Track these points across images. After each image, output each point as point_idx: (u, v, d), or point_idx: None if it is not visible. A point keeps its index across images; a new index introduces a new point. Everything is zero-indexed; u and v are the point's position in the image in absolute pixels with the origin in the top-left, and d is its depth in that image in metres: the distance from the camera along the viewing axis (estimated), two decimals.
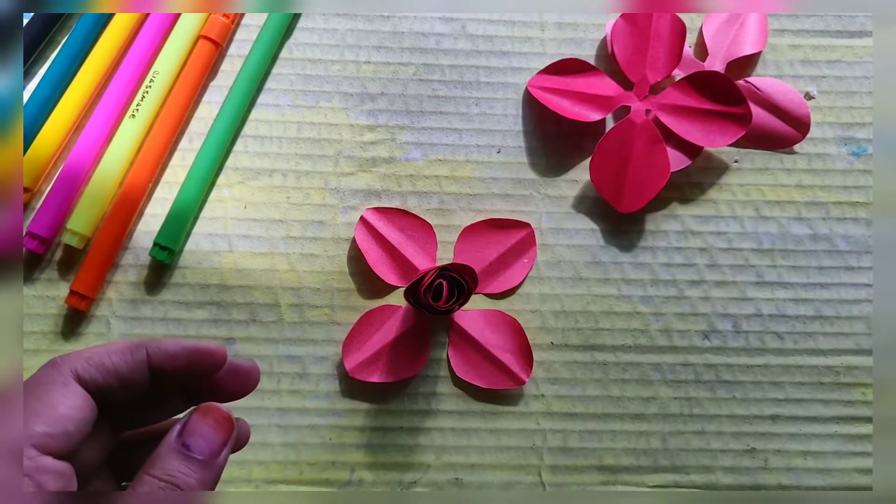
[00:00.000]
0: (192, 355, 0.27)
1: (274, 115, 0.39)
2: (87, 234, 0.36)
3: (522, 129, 0.40)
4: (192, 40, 0.38)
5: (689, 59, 0.40)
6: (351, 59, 0.40)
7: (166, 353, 0.26)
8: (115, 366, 0.26)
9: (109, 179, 0.36)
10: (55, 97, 0.37)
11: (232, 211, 0.38)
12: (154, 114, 0.37)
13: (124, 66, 0.38)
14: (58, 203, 0.36)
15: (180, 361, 0.27)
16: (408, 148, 0.39)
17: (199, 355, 0.27)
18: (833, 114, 0.40)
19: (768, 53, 0.41)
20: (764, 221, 0.39)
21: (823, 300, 0.39)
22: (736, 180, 0.40)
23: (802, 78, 0.41)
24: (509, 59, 0.40)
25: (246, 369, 0.29)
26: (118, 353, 0.26)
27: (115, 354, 0.26)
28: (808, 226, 0.39)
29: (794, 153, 0.40)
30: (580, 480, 0.37)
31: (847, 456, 0.37)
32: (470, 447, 0.37)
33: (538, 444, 0.37)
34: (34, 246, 0.35)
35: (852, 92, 0.40)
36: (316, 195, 0.38)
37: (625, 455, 0.37)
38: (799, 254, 0.39)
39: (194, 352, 0.27)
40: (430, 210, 0.38)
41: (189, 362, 0.27)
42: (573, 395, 0.37)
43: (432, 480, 0.36)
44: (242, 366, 0.29)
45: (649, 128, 0.38)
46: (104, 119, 0.37)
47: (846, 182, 0.40)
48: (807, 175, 0.40)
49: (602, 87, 0.39)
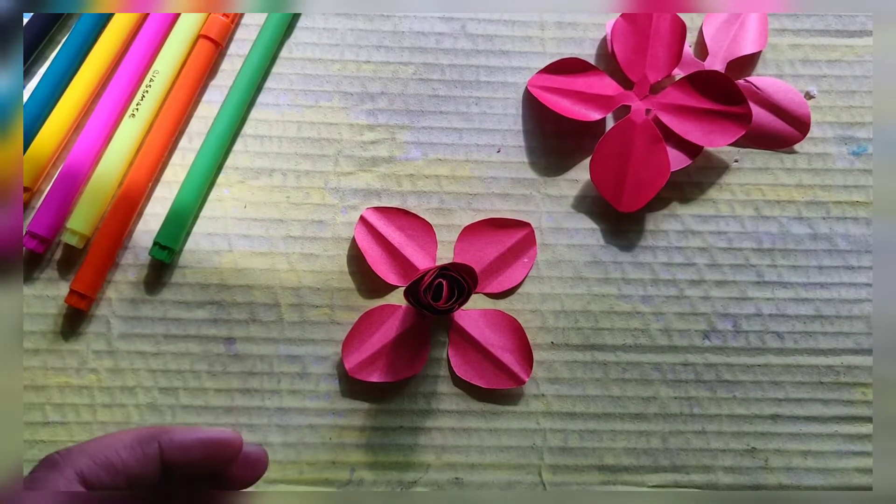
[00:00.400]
0: (207, 447, 0.25)
1: (274, 114, 0.39)
2: (87, 233, 0.36)
3: (522, 128, 0.40)
4: (192, 40, 0.38)
5: (690, 58, 0.40)
6: (351, 58, 0.40)
7: (180, 447, 0.24)
8: (124, 464, 0.23)
9: (109, 179, 0.36)
10: (55, 97, 0.37)
11: (232, 210, 0.38)
12: (154, 113, 0.37)
13: (124, 65, 0.38)
14: (58, 202, 0.36)
15: (195, 455, 0.24)
16: (408, 147, 0.39)
17: (215, 447, 0.25)
18: (833, 113, 0.40)
19: (768, 53, 0.41)
20: (764, 221, 0.39)
21: (824, 300, 0.39)
22: (736, 180, 0.40)
23: (803, 77, 0.41)
24: (509, 58, 0.40)
25: (255, 458, 0.27)
26: (127, 449, 0.23)
27: (125, 450, 0.23)
28: (809, 225, 0.39)
29: (795, 153, 0.40)
30: (580, 480, 0.37)
31: (847, 456, 0.37)
32: (470, 447, 0.37)
33: (538, 444, 0.37)
34: (34, 245, 0.35)
35: (852, 91, 0.40)
36: (316, 195, 0.38)
37: (625, 455, 0.37)
38: (799, 253, 0.39)
39: (210, 443, 0.25)
40: (430, 209, 0.38)
41: (205, 455, 0.25)
42: (573, 395, 0.37)
43: (432, 480, 0.36)
44: (252, 454, 0.27)
45: (649, 127, 0.38)
46: (104, 118, 0.37)
47: (846, 181, 0.40)
48: (807, 174, 0.40)
49: (602, 86, 0.39)
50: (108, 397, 0.36)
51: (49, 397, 0.36)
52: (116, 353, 0.36)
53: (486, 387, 0.37)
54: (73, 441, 0.35)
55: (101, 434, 0.24)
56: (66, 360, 0.36)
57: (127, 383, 0.36)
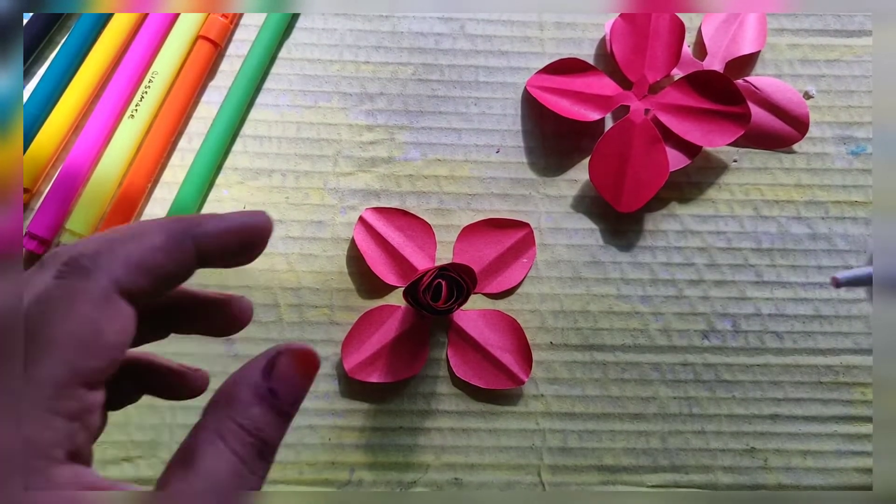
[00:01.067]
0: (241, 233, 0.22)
1: (273, 115, 0.39)
2: (87, 234, 0.36)
3: (521, 128, 0.40)
4: (191, 41, 0.38)
5: (688, 58, 0.40)
6: (350, 59, 0.40)
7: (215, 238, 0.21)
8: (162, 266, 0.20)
9: (109, 180, 0.36)
10: (54, 98, 0.37)
11: (231, 211, 0.38)
12: (153, 114, 0.37)
13: (123, 66, 0.38)
14: (57, 203, 0.36)
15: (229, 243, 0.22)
16: (407, 148, 0.39)
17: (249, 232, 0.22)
18: (832, 113, 0.40)
19: (767, 53, 0.41)
20: (763, 221, 0.39)
21: (823, 299, 0.39)
22: (735, 180, 0.40)
23: (801, 77, 0.41)
24: (508, 58, 0.40)
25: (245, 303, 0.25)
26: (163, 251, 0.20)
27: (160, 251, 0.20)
28: (807, 225, 0.39)
29: (793, 152, 0.40)
30: (580, 480, 0.37)
31: (847, 455, 0.37)
32: (469, 447, 0.37)
33: (537, 444, 0.37)
34: (33, 246, 0.35)
35: (851, 91, 0.40)
36: (315, 195, 0.38)
37: (624, 455, 0.37)
38: (798, 253, 0.39)
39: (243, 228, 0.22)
40: (430, 210, 0.38)
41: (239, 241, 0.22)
42: (572, 395, 0.37)
43: (432, 480, 0.36)
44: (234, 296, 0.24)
45: (648, 127, 0.38)
46: (103, 119, 0.37)
47: (845, 181, 0.40)
48: (806, 174, 0.40)
49: (601, 86, 0.39)
50: None
51: None
52: None
53: (485, 387, 0.37)
54: None
55: None
56: None
57: None
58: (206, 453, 0.19)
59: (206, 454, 0.19)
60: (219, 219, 0.22)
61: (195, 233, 0.21)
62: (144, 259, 0.20)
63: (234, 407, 0.20)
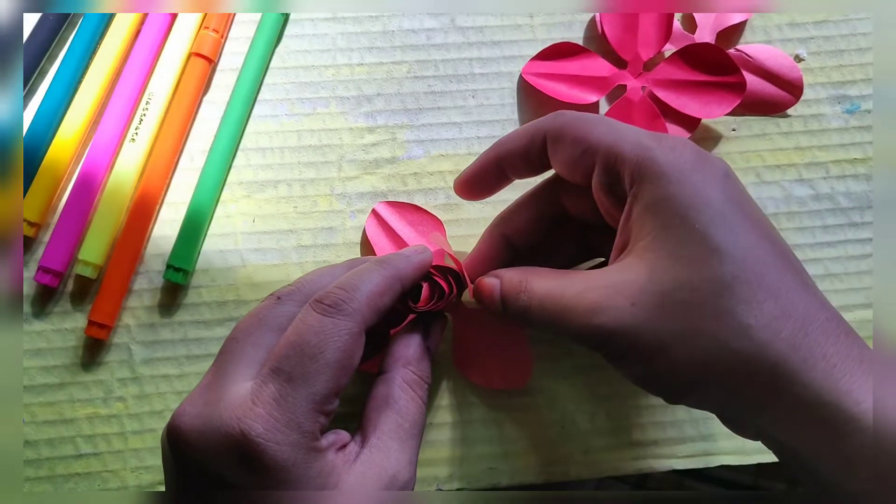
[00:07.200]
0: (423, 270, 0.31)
1: (272, 125, 0.39)
2: (100, 262, 0.36)
3: (520, 116, 0.40)
4: (184, 58, 0.38)
5: (679, 32, 0.40)
6: (344, 62, 0.40)
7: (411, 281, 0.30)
8: (386, 306, 0.28)
9: (116, 206, 0.36)
10: (54, 126, 0.37)
11: (241, 225, 0.38)
12: (154, 136, 0.37)
13: (119, 89, 0.37)
14: (67, 235, 0.36)
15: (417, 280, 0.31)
16: (409, 146, 0.39)
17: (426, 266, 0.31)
18: (824, 74, 0.41)
19: (756, 20, 0.41)
20: (766, 186, 0.40)
21: (831, 258, 0.39)
22: (735, 148, 0.40)
23: (791, 41, 0.41)
24: (501, 48, 0.40)
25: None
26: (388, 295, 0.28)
27: (385, 296, 0.28)
28: (810, 186, 0.40)
29: (790, 116, 0.40)
30: (611, 458, 0.37)
31: None
32: (501, 437, 0.37)
33: (566, 429, 0.37)
34: (48, 280, 0.35)
35: (841, 51, 0.41)
36: (323, 202, 0.38)
37: (651, 429, 0.37)
38: (803, 214, 0.40)
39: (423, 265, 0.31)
40: (438, 206, 0.39)
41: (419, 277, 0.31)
42: (587, 381, 0.37)
43: (466, 474, 0.36)
44: None
45: (647, 105, 0.38)
46: (105, 145, 0.36)
47: (843, 140, 0.40)
48: (804, 137, 0.40)
49: (596, 68, 0.39)
50: (138, 423, 0.36)
51: (79, 429, 0.36)
52: (141, 379, 0.36)
53: (487, 386, 0.37)
54: (109, 471, 0.35)
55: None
56: (91, 391, 0.36)
57: (155, 408, 0.36)
58: (400, 398, 0.29)
59: (401, 398, 0.29)
60: (405, 259, 0.30)
61: (400, 276, 0.29)
62: (375, 302, 0.27)
63: (411, 363, 0.30)
